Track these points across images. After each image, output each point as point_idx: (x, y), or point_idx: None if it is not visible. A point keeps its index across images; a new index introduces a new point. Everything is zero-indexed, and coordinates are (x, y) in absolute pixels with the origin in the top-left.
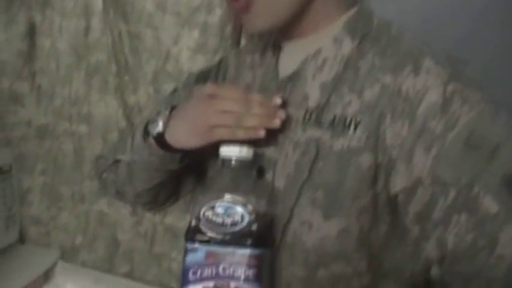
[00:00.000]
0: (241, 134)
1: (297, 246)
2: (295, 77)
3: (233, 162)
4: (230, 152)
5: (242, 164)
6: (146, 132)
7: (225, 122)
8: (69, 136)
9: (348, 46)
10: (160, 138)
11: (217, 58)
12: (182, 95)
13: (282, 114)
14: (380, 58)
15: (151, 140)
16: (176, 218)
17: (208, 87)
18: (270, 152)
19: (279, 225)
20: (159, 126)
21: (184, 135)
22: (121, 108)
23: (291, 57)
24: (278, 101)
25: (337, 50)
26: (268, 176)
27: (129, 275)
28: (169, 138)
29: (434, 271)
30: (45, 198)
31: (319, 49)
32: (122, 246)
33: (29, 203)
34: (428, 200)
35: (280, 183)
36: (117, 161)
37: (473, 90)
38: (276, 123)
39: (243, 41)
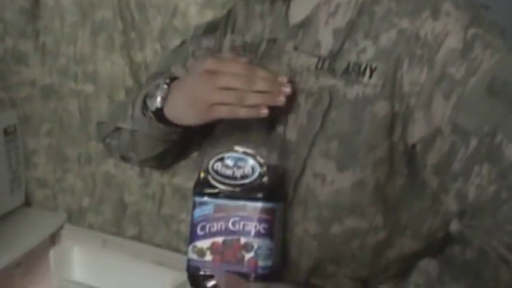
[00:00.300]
0: (242, 113)
1: (310, 200)
2: (306, 24)
3: None
4: None
5: None
6: (145, 106)
7: (226, 99)
8: (75, 96)
9: None
10: (159, 113)
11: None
12: (190, 48)
13: (286, 90)
14: (396, 2)
15: (151, 114)
16: (185, 178)
17: (208, 62)
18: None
19: (291, 178)
20: (158, 102)
21: (184, 112)
22: (127, 66)
23: (302, 4)
24: (284, 79)
25: None
26: (280, 128)
27: (137, 238)
28: (168, 114)
29: (454, 226)
30: (51, 160)
31: None
32: (129, 209)
33: (35, 165)
34: (447, 151)
35: (291, 135)
36: (119, 128)
37: (495, 36)
38: (281, 100)
39: None
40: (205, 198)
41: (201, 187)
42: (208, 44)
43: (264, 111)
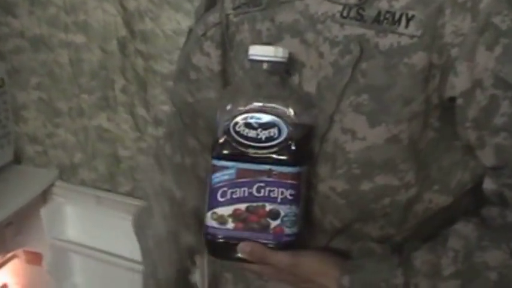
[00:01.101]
0: None
1: (339, 157)
2: None
3: (265, 65)
4: (262, 53)
5: (276, 66)
6: None
7: None
8: (65, 47)
9: None
10: None
11: None
12: (198, 32)
13: None
14: None
15: None
16: None
17: None
18: (296, 52)
19: (317, 134)
20: None
21: None
22: (120, 14)
23: None
24: None
25: None
26: (294, 79)
27: (132, 194)
28: None
29: (489, 185)
30: (41, 115)
31: None
32: (123, 164)
33: (24, 120)
34: (487, 104)
35: (310, 87)
36: None
37: None
38: None
39: None
40: (227, 162)
41: (221, 149)
42: (214, 20)
43: None
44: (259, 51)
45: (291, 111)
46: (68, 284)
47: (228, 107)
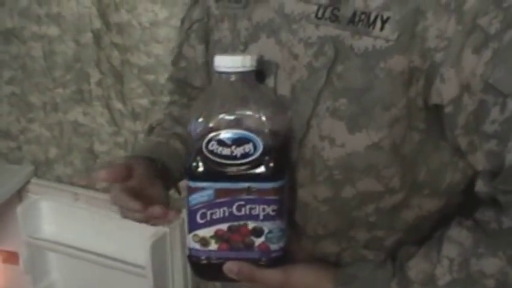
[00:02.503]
0: None
1: (317, 163)
2: None
3: (233, 77)
4: (230, 64)
5: (245, 75)
6: None
7: None
8: (38, 40)
9: None
10: None
11: None
12: (186, 25)
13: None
14: None
15: None
16: None
17: None
18: (269, 53)
19: (295, 139)
20: None
21: None
22: (94, 6)
23: None
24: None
25: None
26: (269, 81)
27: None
28: None
29: (482, 188)
30: (15, 109)
31: None
32: (100, 159)
33: None
34: (475, 108)
35: (284, 90)
36: None
37: None
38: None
39: None
40: (203, 183)
41: (196, 170)
42: (198, 16)
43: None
44: (227, 63)
45: (263, 119)
46: (45, 283)
47: (200, 120)
